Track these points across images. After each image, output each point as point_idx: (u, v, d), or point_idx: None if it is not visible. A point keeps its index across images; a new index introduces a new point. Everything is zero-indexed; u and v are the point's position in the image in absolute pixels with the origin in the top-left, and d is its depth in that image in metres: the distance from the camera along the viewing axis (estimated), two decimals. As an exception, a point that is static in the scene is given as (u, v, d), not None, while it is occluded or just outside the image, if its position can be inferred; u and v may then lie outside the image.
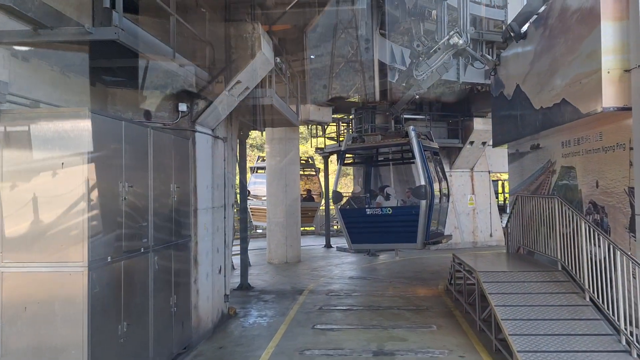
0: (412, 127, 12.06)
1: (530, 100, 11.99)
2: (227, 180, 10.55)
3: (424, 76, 12.17)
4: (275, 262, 17.94)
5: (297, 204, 18.39)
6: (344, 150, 12.91)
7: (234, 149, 11.22)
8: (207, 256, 9.24)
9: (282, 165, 17.91)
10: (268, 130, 18.12)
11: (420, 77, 12.22)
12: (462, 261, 11.06)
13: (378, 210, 12.12)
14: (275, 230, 17.96)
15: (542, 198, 10.48)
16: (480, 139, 21.62)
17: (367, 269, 16.86)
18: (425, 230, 11.57)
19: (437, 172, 13.30)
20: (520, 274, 9.35)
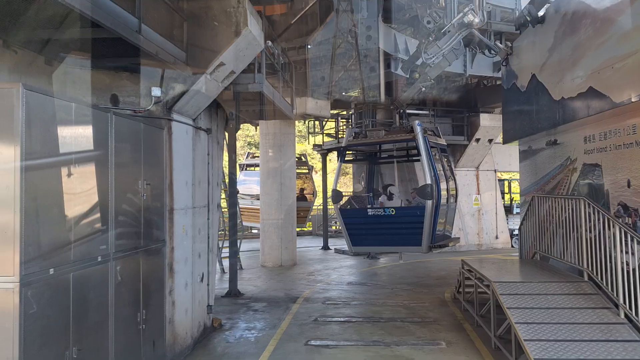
0: (418, 122, 11.12)
1: (548, 91, 10.91)
2: (212, 177, 9.44)
3: (433, 59, 11.04)
4: (269, 266, 16.83)
5: (293, 204, 17.28)
6: (345, 146, 12.02)
7: (220, 143, 10.11)
8: (187, 263, 8.13)
9: (277, 162, 16.80)
10: (262, 125, 17.01)
11: (429, 61, 11.08)
12: (473, 269, 9.95)
13: (380, 211, 11.20)
14: (270, 232, 16.85)
15: (565, 199, 9.37)
16: (486, 136, 20.52)
17: (367, 273, 15.76)
18: (430, 233, 10.67)
19: (445, 171, 12.24)
20: (541, 285, 8.23)
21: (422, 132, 10.94)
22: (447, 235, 12.29)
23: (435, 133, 12.33)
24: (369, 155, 13.61)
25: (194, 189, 8.42)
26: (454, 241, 12.57)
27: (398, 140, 11.72)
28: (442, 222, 11.81)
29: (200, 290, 8.86)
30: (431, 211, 10.54)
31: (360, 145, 12.43)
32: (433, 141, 11.62)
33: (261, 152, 17.32)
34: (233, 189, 12.46)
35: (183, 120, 7.97)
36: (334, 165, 51.10)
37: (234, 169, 12.48)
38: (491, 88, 20.34)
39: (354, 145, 12.41)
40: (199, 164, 8.74)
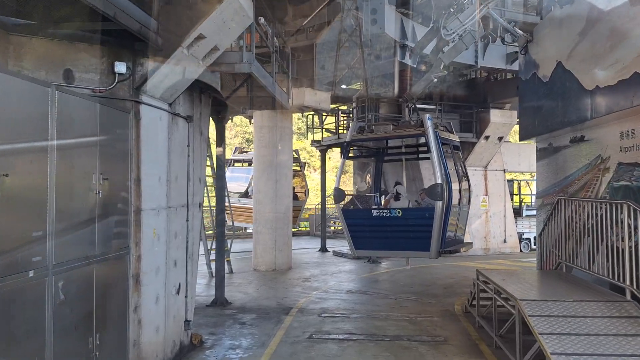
0: (429, 116, 9.97)
1: (578, 80, 9.66)
2: (193, 172, 8.18)
3: (454, 36, 9.77)
4: (262, 269, 15.58)
5: (289, 202, 16.03)
6: (349, 141, 10.93)
7: (204, 133, 8.84)
8: (158, 273, 6.87)
9: (271, 158, 15.53)
10: (256, 117, 15.75)
11: (449, 37, 9.82)
12: (493, 282, 8.69)
13: (386, 212, 10.22)
14: (263, 233, 15.59)
15: (603, 203, 8.09)
16: (497, 133, 19.26)
17: (368, 280, 14.51)
18: (440, 237, 9.66)
19: (457, 170, 11.09)
20: (576, 305, 6.97)
21: (433, 127, 9.87)
22: (459, 240, 11.18)
23: (447, 129, 11.17)
24: (375, 152, 12.53)
25: (169, 185, 7.16)
26: (466, 247, 11.45)
27: (407, 135, 10.65)
28: (453, 225, 10.75)
29: (176, 304, 7.60)
30: (441, 213, 9.52)
31: (366, 140, 11.37)
32: (445, 137, 10.57)
33: (255, 147, 16.06)
34: (221, 186, 11.20)
35: (156, 104, 6.70)
36: (334, 163, 49.83)
37: (222, 167, 11.22)
38: (502, 82, 19.09)
39: (359, 140, 11.32)
40: (177, 157, 7.48)
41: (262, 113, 15.52)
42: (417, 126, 10.28)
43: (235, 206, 16.12)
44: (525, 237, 21.02)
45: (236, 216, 16.14)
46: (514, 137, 25.40)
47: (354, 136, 10.90)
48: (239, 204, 16.22)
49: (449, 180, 9.97)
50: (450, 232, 10.51)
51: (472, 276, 15.02)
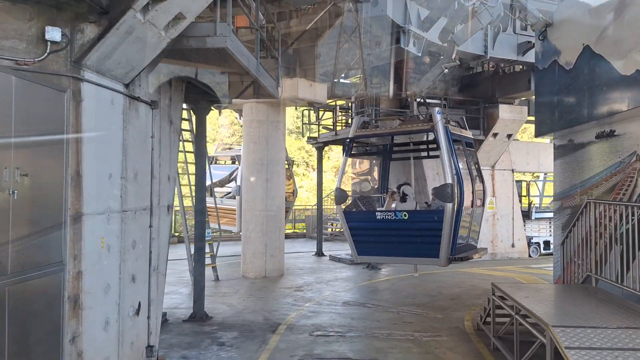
0: (439, 110, 9.27)
1: (611, 65, 8.38)
2: (160, 169, 6.89)
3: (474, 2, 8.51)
4: (251, 276, 14.28)
5: (281, 203, 14.74)
6: (352, 137, 10.22)
7: (176, 123, 7.55)
8: (109, 292, 5.58)
9: (262, 154, 14.24)
10: (246, 110, 14.46)
11: (468, 3, 8.55)
12: (511, 299, 7.39)
13: (391, 215, 9.47)
14: (252, 237, 14.29)
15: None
16: (505, 130, 17.96)
17: (367, 289, 13.21)
18: (450, 242, 8.98)
19: (470, 169, 10.12)
20: (622, 333, 5.69)
21: (443, 122, 9.12)
22: (472, 246, 10.23)
23: (459, 124, 10.34)
24: (382, 149, 11.77)
25: (124, 184, 5.86)
26: (480, 253, 10.43)
27: (414, 131, 9.83)
28: (466, 229, 9.78)
29: (135, 327, 6.30)
30: (451, 216, 8.79)
31: (371, 136, 10.64)
32: (456, 133, 9.71)
33: (244, 143, 14.77)
34: (202, 185, 9.91)
35: (105, 84, 5.41)
36: (334, 163, 48.46)
37: (202, 164, 9.94)
38: (511, 76, 17.79)
39: (363, 137, 10.53)
40: (136, 150, 6.18)
41: (252, 106, 14.24)
42: (425, 121, 9.50)
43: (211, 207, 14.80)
44: (534, 242, 19.74)
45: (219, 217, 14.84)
46: (521, 135, 24.17)
47: (357, 132, 10.14)
48: (221, 204, 14.90)
49: (460, 180, 9.05)
50: (461, 236, 9.50)
51: (481, 285, 13.85)
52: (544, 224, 20.31)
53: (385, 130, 10.12)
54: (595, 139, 9.77)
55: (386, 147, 11.63)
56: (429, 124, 9.29)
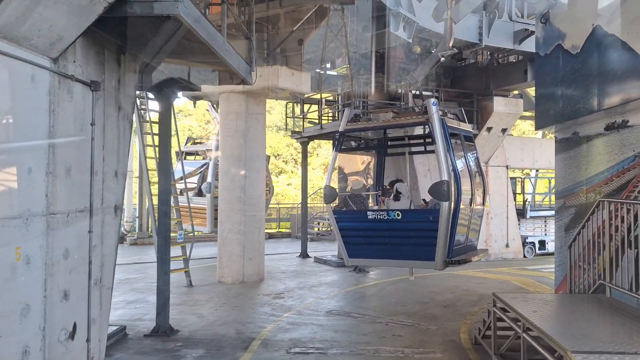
0: (434, 101, 8.69)
1: (627, 45, 7.40)
2: (104, 163, 5.80)
3: None
4: (227, 281, 13.19)
5: (261, 202, 13.67)
6: (342, 131, 9.59)
7: (126, 110, 6.44)
8: (27, 314, 4.48)
9: (240, 149, 13.16)
10: (222, 101, 13.37)
11: None
12: (517, 314, 6.37)
13: (383, 214, 8.90)
14: (229, 238, 13.20)
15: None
16: (500, 124, 17.01)
17: (353, 295, 12.18)
18: (447, 244, 8.44)
19: (469, 164, 9.49)
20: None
21: (439, 114, 8.57)
22: (472, 247, 9.71)
23: (457, 117, 9.81)
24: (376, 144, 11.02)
25: (52, 181, 4.76)
26: (480, 254, 9.91)
27: (408, 124, 9.30)
28: (465, 228, 9.22)
29: (69, 354, 5.20)
30: (448, 215, 8.27)
31: (362, 130, 9.87)
32: (454, 126, 9.17)
33: (220, 136, 13.67)
34: (166, 183, 8.82)
35: (21, 56, 4.31)
36: (322, 160, 47.36)
37: (166, 159, 8.85)
38: (507, 66, 16.81)
39: (354, 130, 9.80)
40: (70, 140, 5.09)
41: (229, 96, 13.16)
42: (420, 113, 8.96)
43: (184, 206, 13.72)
44: (529, 241, 18.83)
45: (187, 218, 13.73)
46: (515, 130, 23.25)
47: (347, 125, 9.54)
48: (190, 203, 13.79)
49: (458, 176, 8.54)
50: (460, 237, 8.93)
51: (475, 289, 12.86)
52: (539, 222, 19.42)
53: (377, 124, 9.46)
54: (604, 131, 8.82)
55: (380, 142, 10.82)
56: (424, 116, 8.68)
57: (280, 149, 47.27)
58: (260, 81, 12.58)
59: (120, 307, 10.76)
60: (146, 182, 13.04)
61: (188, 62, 7.65)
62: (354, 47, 15.14)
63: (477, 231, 9.96)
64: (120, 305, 10.91)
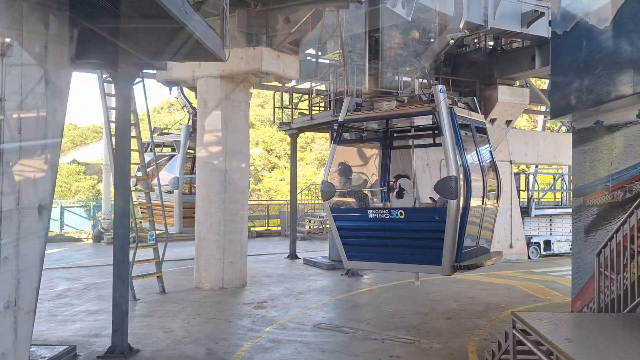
0: (441, 88, 7.78)
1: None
2: (21, 152, 4.48)
3: None
4: (205, 287, 11.89)
5: (243, 199, 12.35)
6: (342, 121, 8.74)
7: (55, 84, 5.11)
8: None
9: (219, 141, 11.85)
10: (201, 86, 12.03)
11: None
12: (548, 342, 5.08)
13: (385, 213, 8.15)
14: (208, 239, 11.89)
15: None
16: (505, 115, 15.74)
17: (345, 303, 10.91)
18: (455, 247, 7.62)
19: (481, 158, 8.50)
20: None
21: (447, 103, 7.73)
22: (484, 249, 8.74)
23: (469, 106, 8.82)
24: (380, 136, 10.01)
25: None
26: (493, 258, 8.69)
27: (413, 113, 8.38)
28: (475, 229, 8.34)
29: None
30: (456, 215, 7.46)
31: (364, 120, 8.94)
32: (464, 116, 8.27)
33: (198, 126, 12.32)
34: (124, 178, 7.49)
35: None
36: (316, 155, 45.94)
37: (126, 142, 7.52)
38: (512, 53, 15.52)
39: (355, 121, 8.89)
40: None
41: (208, 82, 11.84)
42: (426, 101, 8.11)
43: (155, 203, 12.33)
44: (534, 242, 17.59)
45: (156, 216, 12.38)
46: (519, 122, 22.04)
47: (347, 115, 8.66)
48: (157, 200, 12.40)
49: (468, 172, 7.69)
50: (470, 238, 8.12)
51: (481, 297, 11.54)
52: (544, 221, 18.19)
53: (380, 113, 8.58)
54: (636, 119, 7.57)
55: (385, 134, 9.81)
56: (430, 105, 7.82)
57: (273, 144, 45.97)
58: (242, 64, 11.31)
59: (78, 319, 9.46)
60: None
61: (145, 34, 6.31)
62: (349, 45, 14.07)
63: (490, 231, 8.94)
64: (80, 317, 9.61)
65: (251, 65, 11.15)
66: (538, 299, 11.22)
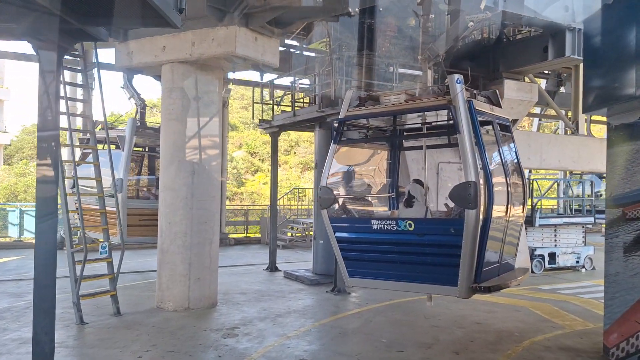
0: (459, 78, 6.85)
1: None
2: None
3: None
4: (168, 308, 10.14)
5: (214, 206, 10.63)
6: (343, 118, 7.91)
7: None
8: None
9: (187, 137, 10.15)
10: (165, 73, 10.30)
11: None
12: None
13: (392, 224, 7.24)
14: (172, 252, 10.16)
15: None
16: (510, 114, 13.87)
17: (331, 330, 9.21)
18: (473, 265, 6.67)
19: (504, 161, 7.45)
20: None
21: (464, 95, 6.75)
22: (508, 266, 7.80)
23: (490, 99, 7.90)
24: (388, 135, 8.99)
25: None
26: (519, 277, 7.77)
27: (424, 107, 7.39)
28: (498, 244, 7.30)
29: None
30: (475, 227, 6.49)
31: (368, 116, 8.05)
32: (485, 111, 7.35)
33: (162, 119, 10.59)
34: (47, 179, 5.75)
35: None
36: (300, 159, 44.15)
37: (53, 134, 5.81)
38: (520, 44, 13.96)
39: (358, 117, 7.99)
40: None
41: (173, 68, 10.14)
42: (441, 94, 7.17)
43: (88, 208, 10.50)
44: (538, 254, 16.06)
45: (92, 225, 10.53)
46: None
47: (349, 111, 7.78)
48: (94, 204, 10.50)
49: (489, 176, 6.64)
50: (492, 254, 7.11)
51: (490, 322, 9.60)
52: (549, 232, 16.64)
53: (387, 109, 7.61)
54: None
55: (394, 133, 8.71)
56: (445, 98, 6.89)
57: (257, 147, 44.33)
58: (212, 47, 9.65)
59: (4, 352, 7.69)
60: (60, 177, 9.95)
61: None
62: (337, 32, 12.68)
63: (514, 245, 7.91)
64: (8, 348, 7.84)
65: (223, 48, 9.47)
66: (555, 325, 9.63)
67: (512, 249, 7.94)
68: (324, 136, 13.71)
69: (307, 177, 40.81)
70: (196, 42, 9.75)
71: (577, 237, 16.84)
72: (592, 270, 16.34)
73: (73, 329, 8.87)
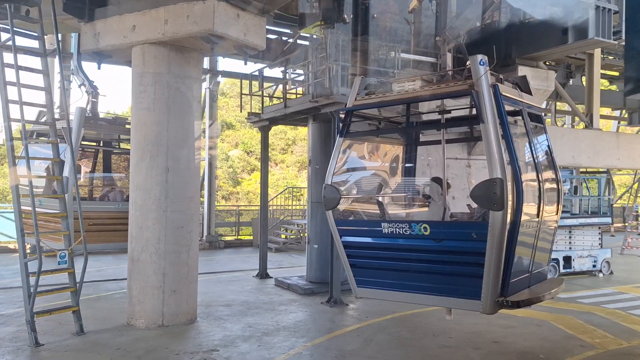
0: (482, 59, 6.00)
1: None
2: None
3: None
4: (139, 325, 8.85)
5: (193, 208, 9.34)
6: (351, 108, 7.11)
7: None
8: None
9: (161, 129, 8.86)
10: (136, 55, 9.00)
11: None
12: None
13: (404, 227, 6.35)
14: (143, 261, 8.87)
15: None
16: (524, 104, 12.90)
17: (326, 354, 7.89)
18: (500, 275, 5.80)
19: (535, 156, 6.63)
20: None
21: (488, 79, 5.91)
22: (539, 276, 6.93)
23: (518, 85, 7.02)
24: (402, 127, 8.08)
25: None
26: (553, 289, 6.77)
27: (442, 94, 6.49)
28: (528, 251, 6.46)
29: None
30: (501, 232, 5.62)
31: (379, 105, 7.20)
32: (513, 98, 6.51)
33: (132, 109, 9.29)
34: None
35: None
36: (297, 157, 42.83)
37: None
38: (536, 26, 12.63)
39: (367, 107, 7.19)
40: None
41: (144, 50, 8.85)
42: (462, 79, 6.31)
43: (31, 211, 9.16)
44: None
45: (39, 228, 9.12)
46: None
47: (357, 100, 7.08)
48: (39, 207, 9.03)
49: (518, 172, 5.84)
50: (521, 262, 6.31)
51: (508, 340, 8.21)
52: (563, 234, 15.41)
53: (400, 96, 6.79)
54: None
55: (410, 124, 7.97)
56: (467, 82, 6.07)
57: (253, 146, 43.11)
58: (187, 25, 8.39)
59: None
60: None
61: None
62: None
63: (547, 252, 7.11)
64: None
65: (199, 26, 8.18)
66: (585, 344, 8.36)
67: (544, 256, 7.05)
68: (318, 130, 12.44)
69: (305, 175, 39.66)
70: (169, 19, 8.46)
71: (593, 238, 15.62)
72: (609, 275, 15.08)
73: (24, 353, 7.58)
